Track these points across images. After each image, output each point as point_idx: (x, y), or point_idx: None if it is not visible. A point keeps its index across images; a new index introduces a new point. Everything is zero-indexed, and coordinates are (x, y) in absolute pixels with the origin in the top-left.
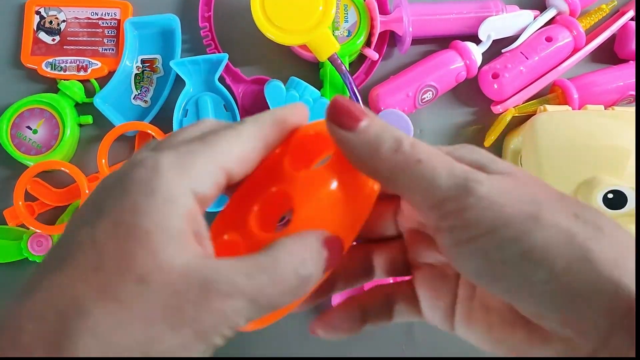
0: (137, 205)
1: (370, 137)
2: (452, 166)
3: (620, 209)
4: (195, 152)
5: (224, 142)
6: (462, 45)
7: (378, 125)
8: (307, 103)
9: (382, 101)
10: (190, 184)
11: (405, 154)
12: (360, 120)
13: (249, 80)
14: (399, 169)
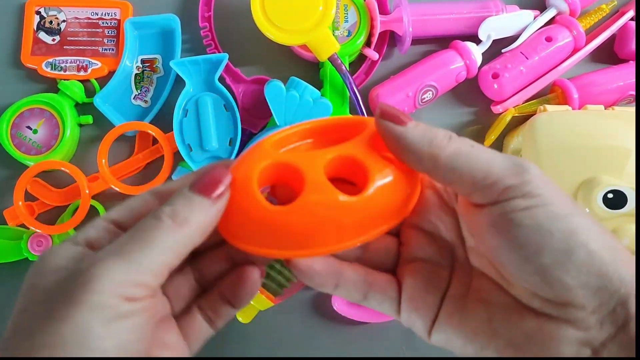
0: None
1: (424, 129)
2: (500, 152)
3: (620, 209)
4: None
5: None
6: (462, 45)
7: (423, 125)
8: (307, 103)
9: (382, 101)
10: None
11: (459, 140)
12: (409, 120)
13: (249, 80)
14: (457, 153)
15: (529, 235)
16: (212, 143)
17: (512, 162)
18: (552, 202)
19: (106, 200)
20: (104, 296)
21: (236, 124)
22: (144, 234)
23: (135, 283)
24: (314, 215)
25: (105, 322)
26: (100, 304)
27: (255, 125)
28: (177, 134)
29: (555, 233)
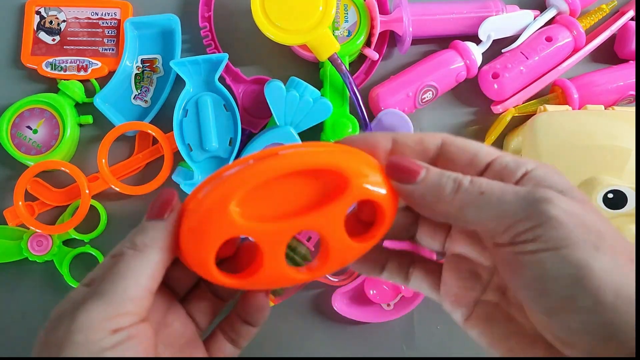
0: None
1: (431, 184)
2: (516, 189)
3: (620, 209)
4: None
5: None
6: (462, 45)
7: (435, 172)
8: (307, 103)
9: (382, 101)
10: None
11: (467, 190)
12: (419, 173)
13: (249, 80)
14: (466, 205)
15: (535, 278)
16: (212, 143)
17: (526, 202)
18: (566, 245)
19: (106, 200)
20: (86, 334)
21: (236, 124)
22: (112, 269)
23: (115, 314)
24: (272, 285)
25: (93, 356)
26: (84, 341)
27: (255, 125)
28: (177, 133)
29: (560, 279)
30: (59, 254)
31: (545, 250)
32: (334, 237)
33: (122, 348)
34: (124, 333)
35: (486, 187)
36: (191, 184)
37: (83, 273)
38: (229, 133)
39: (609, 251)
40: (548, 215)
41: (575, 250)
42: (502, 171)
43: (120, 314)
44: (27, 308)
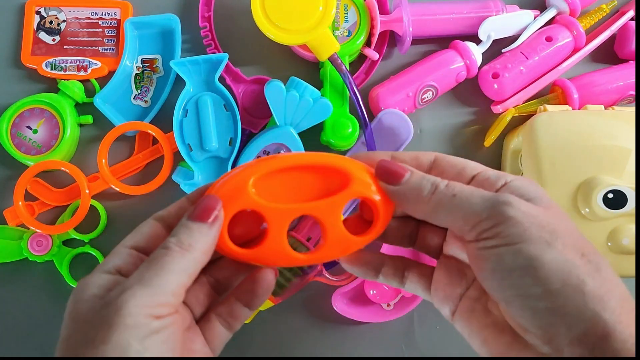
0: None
1: (412, 186)
2: (483, 193)
3: (620, 209)
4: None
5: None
6: (462, 45)
7: (417, 175)
8: (307, 103)
9: (382, 101)
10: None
11: (441, 193)
12: (403, 175)
13: (249, 80)
14: (440, 206)
15: (495, 270)
16: (212, 143)
17: (490, 204)
18: (521, 241)
19: (106, 200)
20: (135, 318)
21: (236, 124)
22: (158, 262)
23: (158, 304)
24: (269, 262)
25: (140, 339)
26: (134, 324)
27: (255, 125)
28: (177, 133)
29: (514, 271)
30: (58, 254)
31: (503, 245)
32: (332, 225)
33: (166, 332)
34: (167, 320)
35: (458, 190)
36: (191, 184)
37: (83, 273)
38: (229, 133)
39: (560, 246)
40: (507, 215)
41: (528, 245)
42: (485, 182)
43: (162, 304)
44: (27, 308)
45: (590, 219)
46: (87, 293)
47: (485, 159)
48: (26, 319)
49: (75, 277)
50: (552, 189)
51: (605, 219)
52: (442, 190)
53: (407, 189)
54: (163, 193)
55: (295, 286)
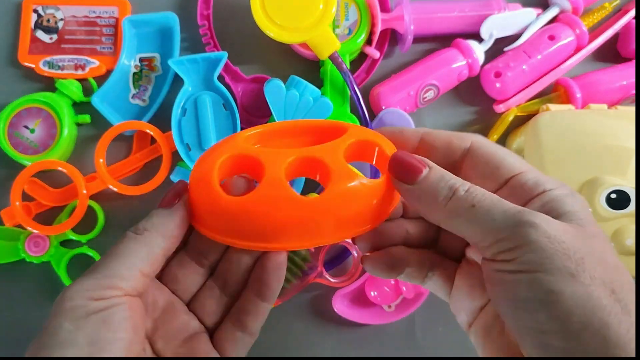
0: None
1: (427, 188)
2: (506, 208)
3: (623, 209)
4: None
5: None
6: (464, 44)
7: (435, 175)
8: (307, 102)
9: (383, 100)
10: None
11: (460, 200)
12: (420, 172)
13: (249, 79)
14: (455, 215)
15: (509, 298)
16: (211, 142)
17: (511, 223)
18: (542, 270)
19: (104, 200)
20: (73, 301)
21: (235, 123)
22: (112, 250)
23: (101, 287)
24: (268, 208)
25: (74, 319)
26: (70, 307)
27: (254, 124)
28: (175, 133)
29: (530, 302)
30: (56, 254)
31: (521, 271)
32: (334, 161)
33: (108, 313)
34: (111, 301)
35: (479, 200)
36: None
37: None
38: (228, 132)
39: (586, 279)
40: (529, 239)
41: (549, 276)
42: (520, 189)
43: (107, 287)
44: (24, 309)
45: None
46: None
47: None
48: (23, 320)
49: (72, 278)
50: None
51: (608, 220)
52: (461, 196)
53: (422, 190)
54: (161, 193)
55: (295, 288)
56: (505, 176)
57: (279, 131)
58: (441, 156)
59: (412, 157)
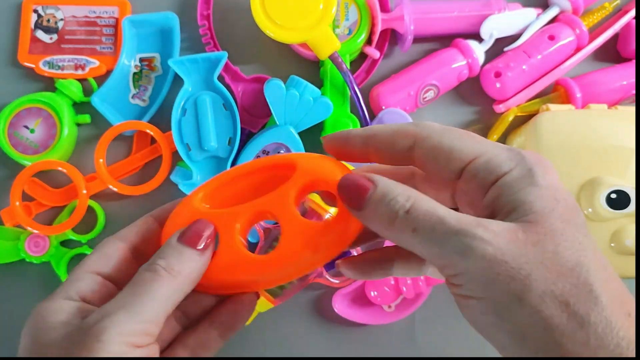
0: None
1: (371, 214)
2: (446, 228)
3: (623, 209)
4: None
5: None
6: (464, 44)
7: (377, 196)
8: (308, 102)
9: (383, 100)
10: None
11: (401, 224)
12: (366, 194)
13: (249, 79)
14: (401, 240)
15: (467, 316)
16: (211, 142)
17: (452, 248)
18: (487, 296)
19: (104, 200)
20: (117, 346)
21: (235, 123)
22: (143, 286)
23: (140, 332)
24: (227, 274)
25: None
26: (115, 352)
27: (254, 124)
28: (175, 133)
29: (482, 324)
30: (56, 254)
31: (470, 297)
32: (285, 215)
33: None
34: (146, 349)
35: (418, 223)
36: (190, 184)
37: None
38: (228, 132)
39: (534, 300)
40: (467, 267)
41: (495, 302)
42: (474, 180)
43: (145, 333)
44: (24, 309)
45: (593, 220)
46: (53, 320)
47: None
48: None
49: None
50: None
51: (608, 220)
52: (401, 221)
53: (367, 216)
54: (161, 193)
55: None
56: (458, 167)
57: (230, 180)
58: (389, 159)
59: (357, 179)
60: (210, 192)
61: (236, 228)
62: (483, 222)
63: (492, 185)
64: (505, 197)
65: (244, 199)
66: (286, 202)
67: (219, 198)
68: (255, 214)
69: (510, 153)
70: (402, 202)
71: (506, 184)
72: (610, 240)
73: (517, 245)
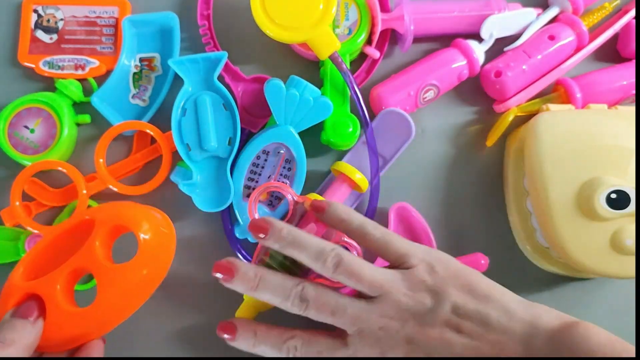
0: None
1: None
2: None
3: (624, 209)
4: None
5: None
6: (464, 44)
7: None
8: (307, 102)
9: (383, 100)
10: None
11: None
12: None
13: (249, 79)
14: None
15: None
16: (211, 142)
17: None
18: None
19: (104, 200)
20: None
21: (235, 123)
22: None
23: None
24: (61, 328)
25: None
26: None
27: (255, 124)
28: (175, 133)
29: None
30: None
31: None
32: (96, 267)
33: None
34: None
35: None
36: (189, 185)
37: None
38: (228, 132)
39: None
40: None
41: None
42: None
43: None
44: None
45: (593, 220)
46: None
47: (487, 158)
48: None
49: None
50: (555, 189)
51: (608, 220)
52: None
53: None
54: (161, 193)
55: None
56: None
57: (44, 249)
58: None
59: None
60: (29, 264)
61: (57, 290)
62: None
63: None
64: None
65: (58, 262)
66: (94, 254)
67: (37, 267)
68: (72, 273)
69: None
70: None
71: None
72: (610, 240)
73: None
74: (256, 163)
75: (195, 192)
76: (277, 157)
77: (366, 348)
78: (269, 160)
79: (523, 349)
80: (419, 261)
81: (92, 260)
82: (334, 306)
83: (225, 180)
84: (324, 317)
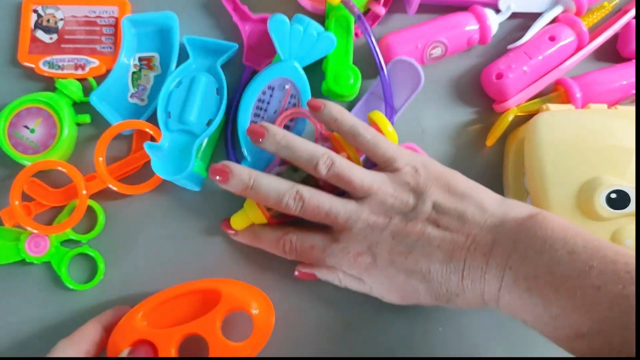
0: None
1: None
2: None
3: (623, 209)
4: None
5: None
6: (480, 9)
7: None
8: (311, 36)
9: (391, 49)
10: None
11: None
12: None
13: (256, 19)
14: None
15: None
16: (191, 117)
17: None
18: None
19: (104, 199)
20: None
21: (220, 110)
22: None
23: None
24: None
25: None
26: None
27: (259, 63)
28: (162, 99)
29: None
30: (56, 254)
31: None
32: (212, 338)
33: None
34: None
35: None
36: (154, 146)
37: (81, 274)
38: (210, 115)
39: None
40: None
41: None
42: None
43: None
44: (25, 310)
45: (593, 219)
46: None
47: (488, 158)
48: (24, 321)
49: (73, 278)
50: (555, 189)
51: (608, 219)
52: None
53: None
54: (161, 192)
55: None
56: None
57: (166, 301)
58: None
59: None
60: (149, 310)
61: (172, 346)
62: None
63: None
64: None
65: (177, 318)
66: (214, 328)
67: (155, 315)
68: (188, 335)
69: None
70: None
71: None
72: (610, 240)
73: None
74: (262, 99)
75: (156, 155)
76: (283, 92)
77: (355, 243)
78: (274, 96)
79: (492, 237)
80: (405, 164)
81: (211, 333)
82: (328, 206)
83: (188, 155)
84: (319, 216)
